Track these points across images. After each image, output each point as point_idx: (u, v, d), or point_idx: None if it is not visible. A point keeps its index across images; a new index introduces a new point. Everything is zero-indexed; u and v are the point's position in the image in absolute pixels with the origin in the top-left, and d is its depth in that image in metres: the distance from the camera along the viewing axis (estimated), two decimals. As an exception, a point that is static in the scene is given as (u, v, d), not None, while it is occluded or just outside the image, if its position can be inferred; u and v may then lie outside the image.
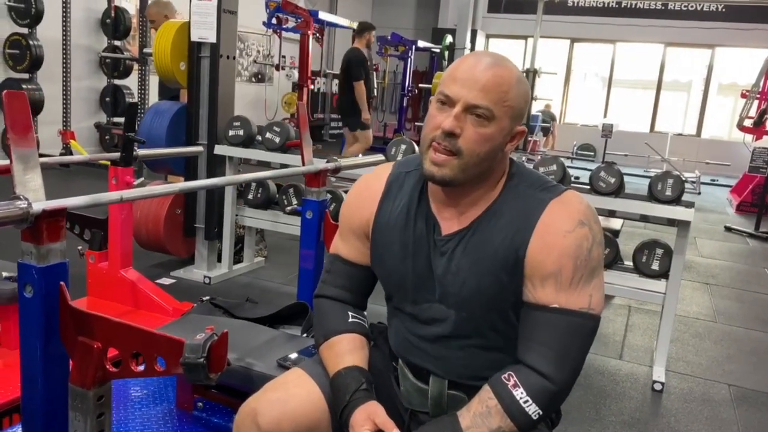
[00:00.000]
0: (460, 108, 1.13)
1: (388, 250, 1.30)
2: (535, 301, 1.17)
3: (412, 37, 11.73)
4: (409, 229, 1.27)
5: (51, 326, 1.39)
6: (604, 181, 2.90)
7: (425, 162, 1.19)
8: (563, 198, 1.20)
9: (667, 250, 2.95)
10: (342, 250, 1.40)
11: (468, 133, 1.14)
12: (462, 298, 1.22)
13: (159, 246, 3.87)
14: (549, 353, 1.15)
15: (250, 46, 11.12)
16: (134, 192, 1.60)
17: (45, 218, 1.34)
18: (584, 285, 1.16)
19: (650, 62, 13.44)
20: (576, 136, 13.15)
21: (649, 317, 3.81)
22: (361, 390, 1.25)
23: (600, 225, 1.22)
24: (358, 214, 1.35)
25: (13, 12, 6.87)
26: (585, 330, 1.17)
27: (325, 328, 1.37)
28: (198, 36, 3.58)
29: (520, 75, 1.18)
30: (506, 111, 1.15)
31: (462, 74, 1.15)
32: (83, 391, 1.36)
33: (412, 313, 1.30)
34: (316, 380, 1.32)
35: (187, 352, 1.22)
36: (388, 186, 1.33)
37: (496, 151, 1.18)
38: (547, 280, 1.16)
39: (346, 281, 1.39)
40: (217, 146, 3.65)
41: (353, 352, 1.31)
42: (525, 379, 1.15)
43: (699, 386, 2.96)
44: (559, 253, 1.15)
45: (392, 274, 1.31)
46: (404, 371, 1.35)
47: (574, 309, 1.16)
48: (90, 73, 8.04)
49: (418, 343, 1.30)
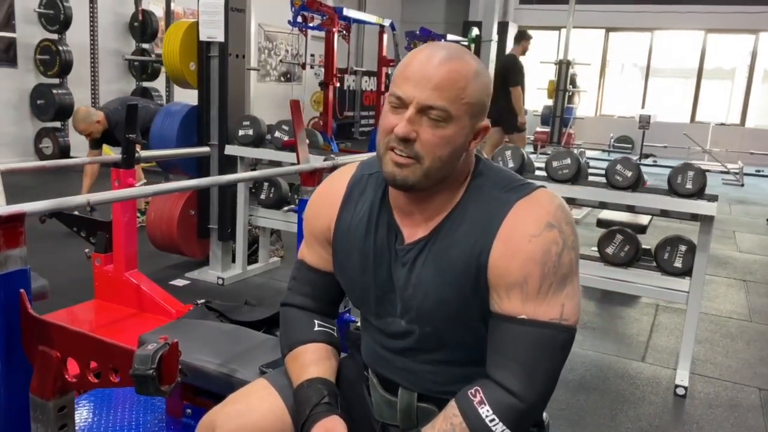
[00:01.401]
0: (413, 110, 1.03)
1: (348, 259, 1.21)
2: (502, 312, 1.08)
3: (442, 31, 11.57)
4: (370, 237, 1.18)
5: (12, 335, 1.35)
6: (621, 174, 2.76)
7: (385, 164, 1.08)
8: (531, 198, 1.09)
9: (690, 246, 2.79)
10: (307, 257, 1.32)
11: (425, 137, 1.04)
12: (424, 312, 1.13)
13: (173, 247, 3.86)
14: (517, 369, 1.06)
15: (278, 45, 11.14)
16: (101, 195, 1.56)
17: (1, 224, 1.30)
18: (555, 294, 1.06)
19: (690, 50, 12.97)
20: (613, 128, 12.79)
21: (677, 316, 3.62)
22: (322, 404, 1.17)
23: (573, 227, 1.10)
24: (319, 220, 1.26)
25: (43, 18, 7.02)
26: (556, 343, 1.07)
27: (289, 338, 1.29)
28: (206, 35, 3.55)
29: (478, 67, 1.08)
30: (465, 108, 1.05)
31: (414, 72, 1.04)
32: (43, 401, 1.32)
33: (378, 327, 1.23)
34: (280, 392, 1.25)
35: (136, 363, 1.17)
36: (349, 189, 1.23)
37: (460, 152, 1.08)
38: (513, 289, 1.06)
39: (312, 289, 1.31)
40: (228, 146, 3.62)
41: (317, 363, 1.24)
42: (492, 396, 1.06)
43: (726, 391, 2.79)
44: (524, 260, 1.05)
45: (354, 286, 1.23)
46: (374, 382, 1.27)
47: (544, 320, 1.06)
48: (119, 76, 8.17)
49: (385, 355, 1.23)
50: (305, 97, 10.58)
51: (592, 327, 3.45)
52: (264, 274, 3.96)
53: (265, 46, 10.87)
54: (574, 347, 3.31)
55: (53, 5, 6.95)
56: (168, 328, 2.00)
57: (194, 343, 1.84)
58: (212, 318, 2.20)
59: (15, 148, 7.07)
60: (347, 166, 1.30)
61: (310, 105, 10.65)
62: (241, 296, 3.35)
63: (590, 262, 2.99)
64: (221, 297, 3.45)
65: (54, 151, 7.15)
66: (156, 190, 1.80)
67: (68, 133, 7.32)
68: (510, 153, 2.97)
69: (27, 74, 7.11)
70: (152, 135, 3.77)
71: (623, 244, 2.90)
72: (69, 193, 1.55)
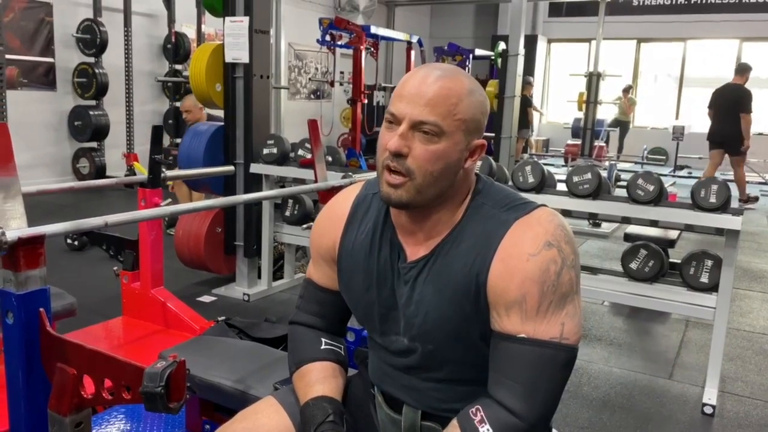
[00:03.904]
0: (405, 126, 1.06)
1: (352, 278, 1.23)
2: (502, 331, 1.08)
3: (471, 46, 11.59)
4: (374, 256, 1.20)
5: (32, 352, 1.41)
6: (642, 188, 2.72)
7: (382, 185, 1.11)
8: (531, 217, 1.10)
9: (717, 260, 2.73)
10: (314, 275, 1.34)
11: (417, 152, 1.06)
12: (425, 330, 1.14)
13: (201, 264, 3.93)
14: (517, 388, 1.06)
15: (308, 63, 11.30)
16: (118, 217, 1.61)
17: (21, 246, 1.36)
18: (554, 313, 1.06)
19: (725, 59, 12.72)
20: (646, 139, 12.58)
21: (708, 332, 3.52)
22: (327, 422, 1.18)
23: (574, 246, 1.10)
24: (324, 239, 1.28)
25: (80, 43, 7.26)
26: (557, 362, 1.06)
27: (296, 356, 1.32)
28: (231, 57, 3.63)
29: (472, 86, 1.10)
30: (457, 125, 1.07)
31: (408, 91, 1.08)
32: (61, 417, 1.36)
33: (382, 345, 1.24)
34: (288, 410, 1.27)
35: (146, 381, 1.20)
36: (353, 209, 1.25)
37: (453, 169, 1.09)
38: (512, 308, 1.07)
39: (320, 307, 1.33)
40: (253, 164, 3.69)
41: (323, 382, 1.26)
42: (492, 415, 1.06)
43: (757, 409, 2.71)
44: (522, 279, 1.06)
45: (358, 304, 1.25)
46: (379, 400, 1.29)
47: (544, 339, 1.06)
48: (153, 97, 8.38)
49: (390, 373, 1.24)
50: (334, 113, 10.68)
51: (618, 344, 3.39)
52: (289, 290, 4.00)
53: (295, 64, 11.03)
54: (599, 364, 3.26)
55: (90, 30, 7.19)
56: (187, 345, 2.04)
57: (212, 360, 1.88)
58: (232, 335, 2.24)
59: (54, 168, 7.30)
60: (353, 186, 1.32)
61: (339, 121, 10.74)
62: (266, 312, 3.40)
63: (614, 278, 2.95)
64: (246, 313, 3.51)
65: (90, 171, 7.37)
66: (174, 210, 1.85)
67: (104, 153, 7.54)
68: (530, 168, 2.96)
69: (65, 97, 7.35)
70: (180, 154, 3.87)
71: (648, 259, 2.86)
72: (103, 212, 1.61)
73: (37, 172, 6.81)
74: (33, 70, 7.08)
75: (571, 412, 2.60)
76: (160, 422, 2.07)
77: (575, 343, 1.08)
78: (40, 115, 7.15)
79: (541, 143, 13.60)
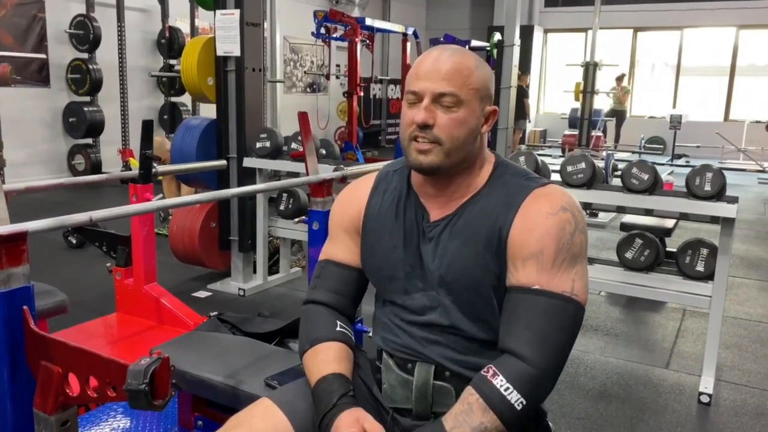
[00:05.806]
0: (428, 100, 1.18)
1: (378, 240, 1.31)
2: (517, 284, 1.17)
3: (467, 37, 11.54)
4: (399, 219, 1.29)
5: (16, 350, 1.39)
6: (637, 177, 2.71)
7: (410, 154, 1.22)
8: (547, 187, 1.24)
9: (712, 249, 2.72)
10: (332, 253, 1.38)
11: (441, 121, 1.18)
12: (448, 281, 1.22)
13: (196, 259, 3.92)
14: (528, 335, 1.13)
15: (303, 57, 11.25)
16: (104, 212, 1.59)
17: (3, 243, 1.34)
18: (567, 269, 1.16)
19: (722, 47, 12.69)
20: (643, 129, 12.55)
21: (705, 321, 3.51)
22: (349, 395, 1.19)
23: (583, 215, 1.23)
24: (349, 209, 1.36)
25: (73, 39, 7.22)
26: (566, 314, 1.15)
27: (312, 334, 1.30)
28: (223, 50, 3.60)
29: (478, 60, 1.23)
30: (473, 93, 1.19)
31: (425, 69, 1.20)
32: (46, 416, 1.35)
33: (402, 305, 1.29)
34: (286, 411, 1.23)
35: (129, 378, 1.18)
36: (376, 183, 1.36)
37: (474, 134, 1.22)
38: (529, 260, 1.16)
39: (338, 284, 1.36)
40: (246, 158, 3.66)
41: (341, 361, 1.26)
42: (504, 366, 1.13)
43: (754, 398, 2.71)
44: (540, 233, 1.17)
45: (383, 265, 1.30)
46: (389, 364, 1.30)
47: (556, 291, 1.15)
48: (148, 92, 8.35)
49: (407, 328, 1.28)
50: (331, 107, 10.65)
51: (615, 333, 3.38)
52: (285, 285, 3.99)
53: (291, 58, 10.98)
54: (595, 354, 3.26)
55: (83, 25, 7.15)
56: (178, 341, 2.03)
57: (203, 355, 1.86)
58: (224, 330, 2.22)
59: (49, 165, 7.27)
60: (370, 174, 1.42)
61: (336, 115, 10.71)
62: (261, 307, 3.38)
63: (610, 267, 2.94)
64: (242, 308, 3.50)
65: (86, 167, 7.34)
66: (162, 205, 1.83)
67: (99, 150, 7.51)
68: (524, 159, 2.94)
69: (59, 93, 7.32)
70: (173, 149, 3.84)
71: (643, 248, 2.85)
72: (97, 208, 1.58)
73: (32, 170, 6.79)
74: (26, 67, 7.05)
75: (567, 402, 2.59)
76: (152, 419, 2.06)
77: (583, 302, 1.17)
78: (35, 111, 7.12)
79: (539, 134, 13.58)
